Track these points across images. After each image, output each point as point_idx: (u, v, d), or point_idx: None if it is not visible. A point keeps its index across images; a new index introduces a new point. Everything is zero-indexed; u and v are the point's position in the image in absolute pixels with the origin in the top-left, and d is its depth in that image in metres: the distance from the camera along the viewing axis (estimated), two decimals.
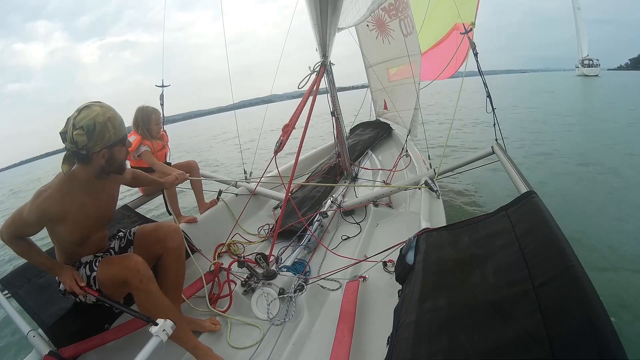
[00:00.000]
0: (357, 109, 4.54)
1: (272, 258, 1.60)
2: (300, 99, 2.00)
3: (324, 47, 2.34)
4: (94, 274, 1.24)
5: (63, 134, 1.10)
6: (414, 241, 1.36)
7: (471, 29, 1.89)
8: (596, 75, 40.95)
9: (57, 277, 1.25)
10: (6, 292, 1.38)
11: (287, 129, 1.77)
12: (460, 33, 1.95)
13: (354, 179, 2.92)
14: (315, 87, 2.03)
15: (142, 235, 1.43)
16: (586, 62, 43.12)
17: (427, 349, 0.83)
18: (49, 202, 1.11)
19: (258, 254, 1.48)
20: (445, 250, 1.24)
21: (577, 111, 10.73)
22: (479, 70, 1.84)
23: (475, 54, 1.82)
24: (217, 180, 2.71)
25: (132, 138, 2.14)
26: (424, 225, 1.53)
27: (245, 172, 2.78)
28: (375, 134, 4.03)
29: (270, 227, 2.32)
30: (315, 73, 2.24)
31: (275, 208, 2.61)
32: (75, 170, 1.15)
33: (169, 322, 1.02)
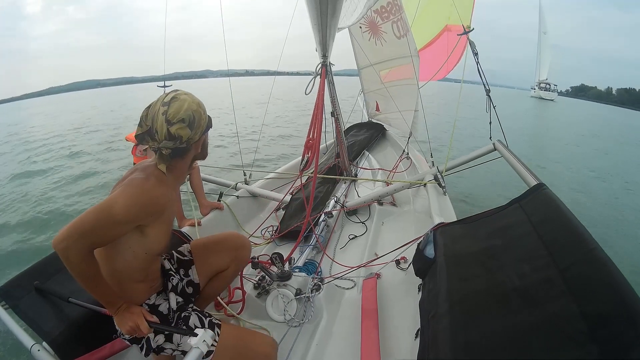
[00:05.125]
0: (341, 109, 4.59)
1: (287, 259, 1.57)
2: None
3: (324, 47, 2.35)
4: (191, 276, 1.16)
5: (147, 135, 0.94)
6: (431, 236, 1.38)
7: (472, 29, 1.95)
8: (552, 100, 42.58)
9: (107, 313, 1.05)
10: (4, 303, 1.27)
11: (313, 145, 1.75)
12: (458, 34, 2.01)
13: (355, 179, 2.94)
14: (321, 91, 2.04)
15: (206, 248, 1.27)
16: (543, 85, 44.90)
17: (466, 337, 0.85)
18: (159, 191, 0.93)
19: (274, 253, 1.45)
20: (464, 242, 1.26)
21: None
22: (478, 70, 1.91)
23: (475, 54, 1.89)
24: (216, 183, 2.65)
25: None
26: (437, 220, 1.55)
27: (245, 175, 2.73)
28: (370, 134, 4.07)
29: (274, 228, 2.29)
30: (318, 75, 2.25)
31: (277, 209, 2.58)
32: (171, 164, 1.00)
33: (209, 332, 0.97)
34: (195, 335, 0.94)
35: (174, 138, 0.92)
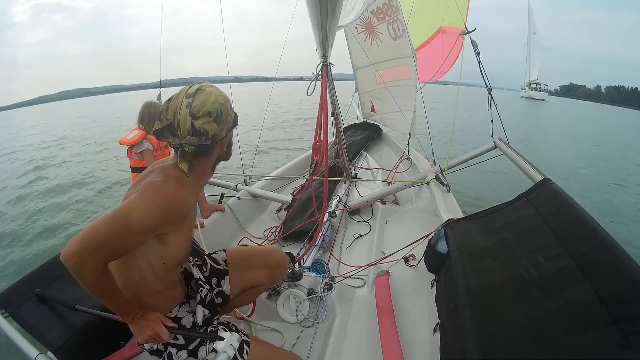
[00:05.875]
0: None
1: (299, 259, 1.56)
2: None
3: (325, 47, 2.36)
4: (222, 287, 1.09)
5: (167, 130, 0.85)
6: (442, 231, 1.39)
7: (474, 29, 2.00)
8: (543, 100, 42.82)
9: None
10: (4, 311, 1.21)
11: (320, 148, 1.73)
12: (460, 34, 2.05)
13: (357, 179, 2.95)
14: (323, 91, 2.05)
15: (245, 260, 1.21)
16: (534, 85, 45.35)
17: (490, 326, 0.87)
18: (181, 195, 0.83)
19: (285, 253, 1.44)
20: (476, 237, 1.28)
21: None
22: (480, 70, 1.95)
23: (477, 53, 1.93)
24: (216, 185, 2.61)
25: (135, 132, 2.08)
26: (445, 216, 1.57)
27: (245, 176, 2.70)
28: (367, 135, 4.09)
29: (277, 229, 2.27)
30: (320, 76, 2.26)
31: (279, 210, 2.56)
32: (193, 164, 0.92)
33: (236, 335, 0.93)
34: (222, 339, 0.90)
35: (199, 134, 0.84)
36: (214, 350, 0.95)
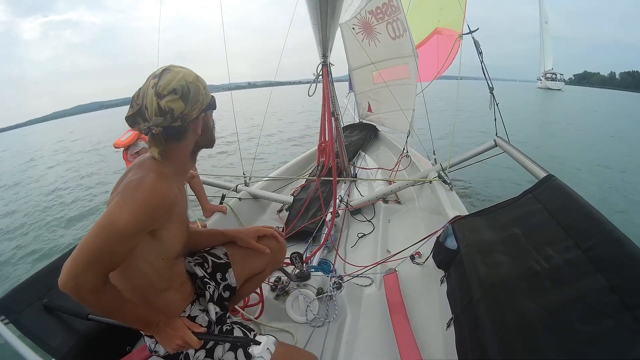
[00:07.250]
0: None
1: (308, 259, 1.55)
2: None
3: (325, 46, 2.36)
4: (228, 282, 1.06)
5: (138, 116, 0.82)
6: (450, 228, 1.40)
7: (477, 29, 2.03)
8: (559, 90, 41.44)
9: (146, 336, 0.93)
10: (4, 317, 1.16)
11: (326, 149, 1.72)
12: (463, 34, 2.08)
13: (358, 179, 2.95)
14: (325, 90, 2.05)
15: (245, 249, 1.17)
16: (549, 75, 44.17)
17: (507, 318, 0.88)
18: (162, 186, 0.79)
19: (293, 253, 1.42)
20: (484, 233, 1.29)
21: None
22: (483, 69, 1.98)
23: (480, 53, 1.96)
24: (216, 185, 2.59)
25: (129, 134, 2.04)
26: (452, 214, 1.58)
27: (245, 177, 2.68)
28: (364, 135, 4.11)
29: (280, 230, 2.26)
30: (321, 76, 2.26)
31: (280, 211, 2.55)
32: (167, 150, 0.86)
33: (272, 339, 0.90)
34: (258, 343, 0.86)
35: (164, 113, 0.79)
36: (230, 349, 0.93)
